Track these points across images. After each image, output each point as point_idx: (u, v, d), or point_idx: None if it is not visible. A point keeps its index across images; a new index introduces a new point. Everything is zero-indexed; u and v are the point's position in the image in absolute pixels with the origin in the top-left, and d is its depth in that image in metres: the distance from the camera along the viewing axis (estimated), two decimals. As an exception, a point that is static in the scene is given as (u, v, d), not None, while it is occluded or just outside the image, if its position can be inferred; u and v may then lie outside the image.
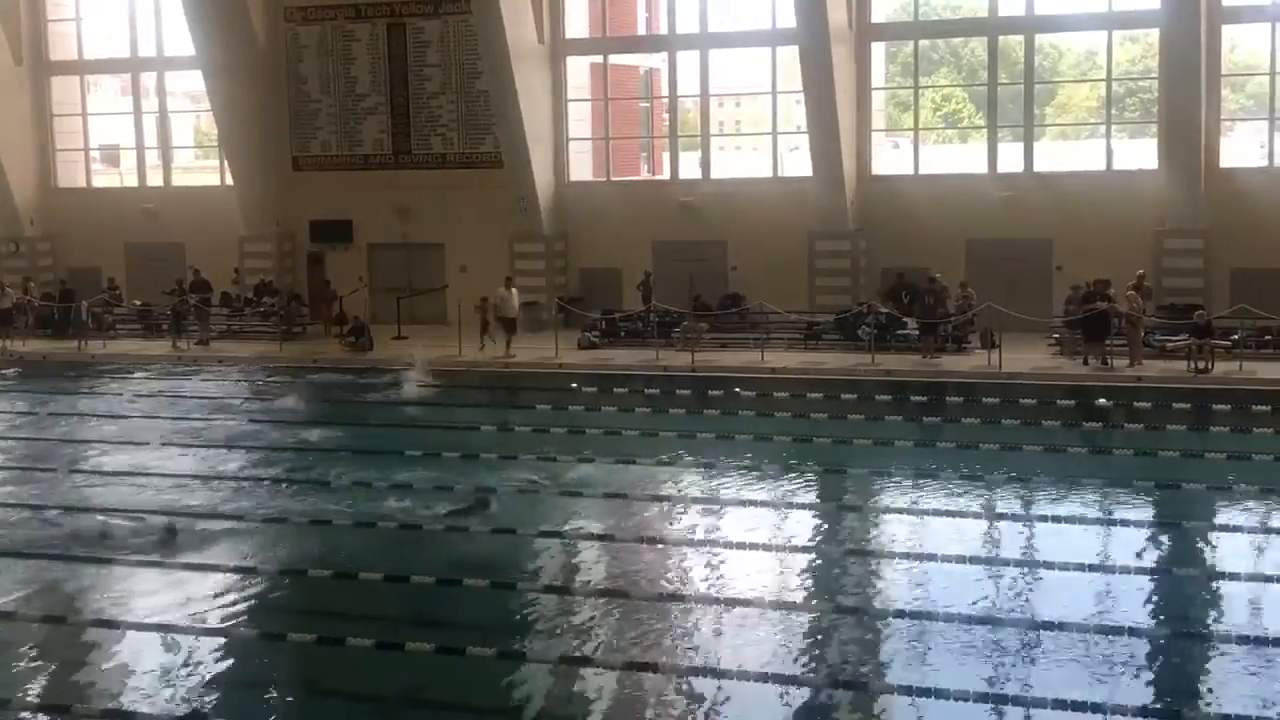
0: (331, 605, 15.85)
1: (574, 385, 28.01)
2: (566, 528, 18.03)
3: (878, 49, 34.15)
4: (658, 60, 37.98)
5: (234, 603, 15.60)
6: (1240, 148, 34.66)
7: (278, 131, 37.25)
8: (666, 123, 37.13)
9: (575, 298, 34.81)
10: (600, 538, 17.63)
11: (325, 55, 36.84)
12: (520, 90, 34.03)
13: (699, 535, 17.99)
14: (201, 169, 43.31)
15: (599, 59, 36.38)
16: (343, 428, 24.55)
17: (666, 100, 36.80)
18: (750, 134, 40.78)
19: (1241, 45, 38.59)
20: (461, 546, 17.25)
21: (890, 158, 36.17)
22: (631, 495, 19.49)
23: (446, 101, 36.02)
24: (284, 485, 20.55)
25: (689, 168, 36.01)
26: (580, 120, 36.31)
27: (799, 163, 35.14)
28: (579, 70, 36.24)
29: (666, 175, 36.47)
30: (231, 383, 30.11)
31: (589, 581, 16.16)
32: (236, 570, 16.58)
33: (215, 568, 16.60)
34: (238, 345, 34.24)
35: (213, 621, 14.91)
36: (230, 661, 14.17)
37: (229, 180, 37.92)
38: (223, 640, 14.51)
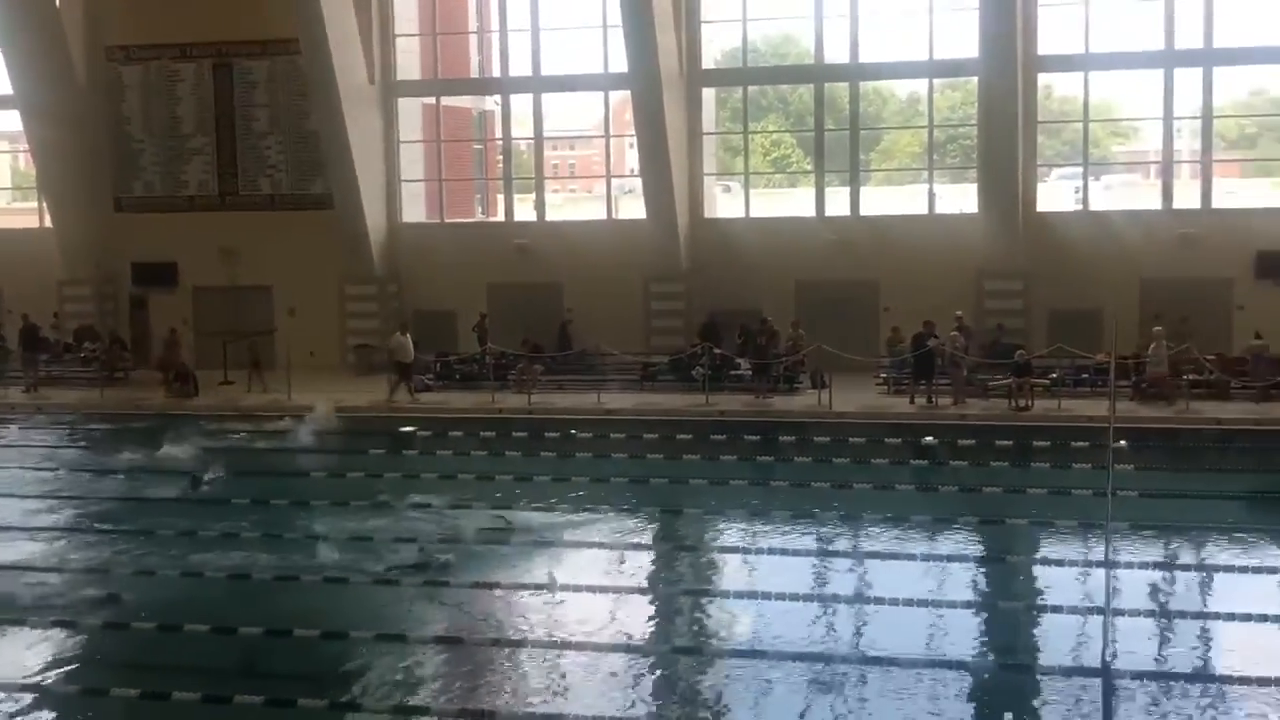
0: (155, 658, 15.36)
1: (410, 430, 27.63)
2: (399, 574, 17.75)
3: (708, 94, 34.66)
4: (491, 102, 37.98)
5: (51, 657, 15.02)
6: (1056, 192, 35.93)
7: (99, 172, 36.28)
8: (500, 164, 37.11)
9: (410, 341, 34.43)
10: (436, 584, 17.38)
11: (149, 95, 36.02)
12: (351, 131, 33.74)
13: (534, 579, 17.83)
14: (19, 211, 41.96)
15: (431, 100, 36.25)
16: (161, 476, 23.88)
17: (500, 142, 36.79)
18: (585, 177, 41.04)
19: (1057, 92, 40.15)
20: (294, 596, 16.88)
21: (722, 201, 36.69)
22: (466, 540, 19.31)
23: (275, 142, 35.51)
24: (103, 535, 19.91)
25: (524, 210, 36.04)
26: (413, 161, 36.08)
27: (633, 206, 35.42)
28: (411, 111, 36.04)
29: (501, 217, 36.45)
30: (56, 431, 29.10)
31: (422, 629, 15.90)
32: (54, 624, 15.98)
33: (28, 622, 15.97)
34: (58, 392, 33.05)
35: (27, 676, 14.33)
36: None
37: (48, 222, 36.80)
38: (37, 696, 13.96)
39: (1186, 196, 31.97)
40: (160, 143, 36.10)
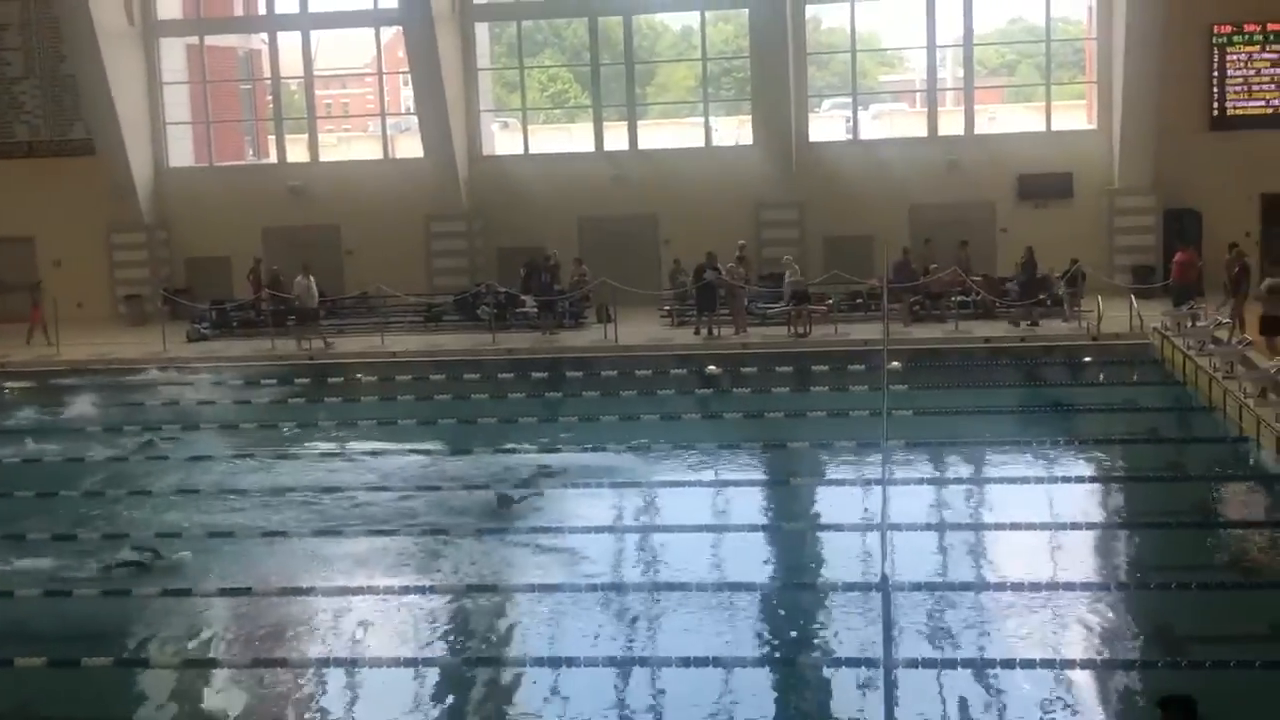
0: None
1: (189, 380, 26.91)
2: (187, 524, 17.36)
3: (482, 29, 34.29)
4: (258, 41, 36.89)
5: None
6: (828, 123, 36.70)
7: None
8: (270, 105, 36.12)
9: (181, 289, 33.42)
10: (223, 535, 17.03)
11: (-111, 37, 33.95)
12: (110, 74, 32.39)
13: (329, 525, 17.60)
14: None
15: (195, 40, 35.01)
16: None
17: (269, 82, 35.81)
18: (359, 116, 40.31)
19: (825, 24, 40.92)
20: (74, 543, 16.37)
21: (501, 138, 36.45)
22: (251, 491, 18.99)
23: (31, 87, 33.87)
24: None
25: (297, 151, 35.19)
26: (178, 104, 34.83)
27: (410, 144, 34.93)
28: (174, 52, 34.74)
29: (274, 159, 35.53)
30: None
31: (208, 579, 15.57)
32: None
33: None
34: None
35: None
36: None
37: None
38: None
39: (951, 124, 33.01)
40: (-97, 89, 34.10)
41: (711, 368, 26.00)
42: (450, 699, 12.70)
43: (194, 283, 33.78)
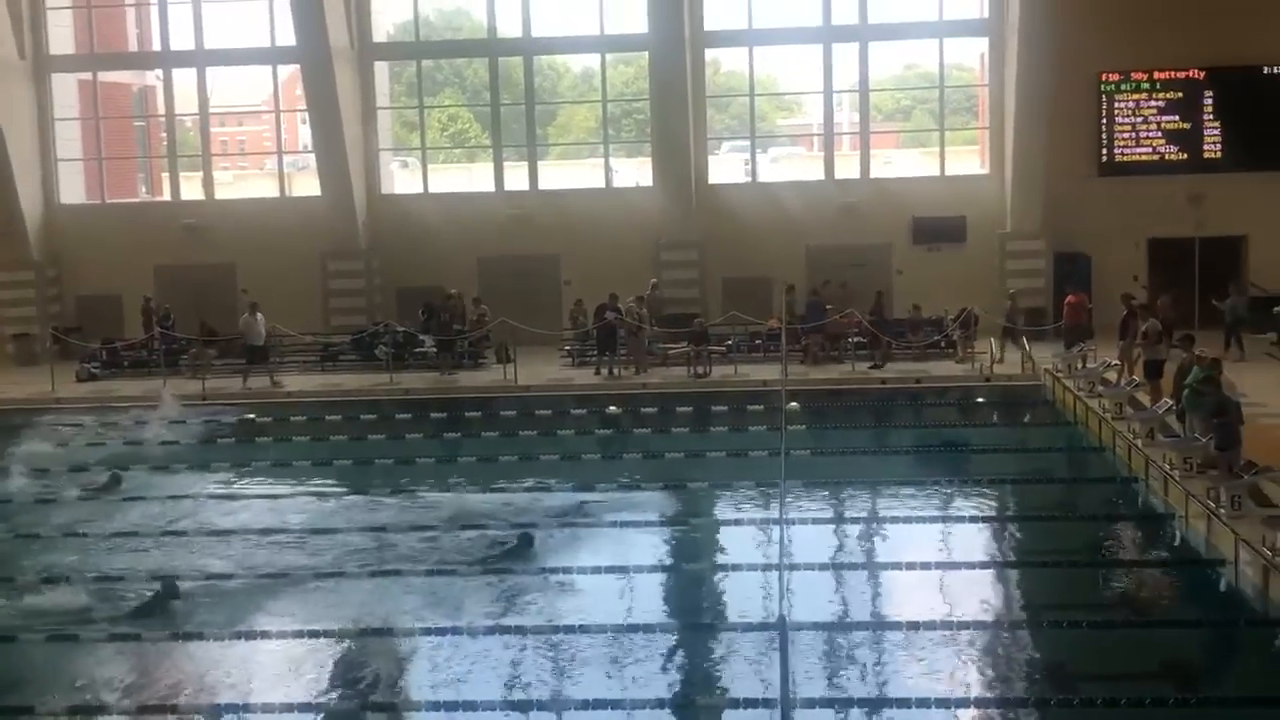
0: None
1: (78, 423, 26.33)
2: (61, 567, 16.96)
3: (381, 68, 34.16)
4: (153, 77, 36.42)
5: None
6: (727, 165, 37.00)
7: None
8: (165, 142, 35.62)
9: (72, 327, 32.75)
10: (107, 579, 16.64)
11: None
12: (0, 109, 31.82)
13: (223, 569, 17.27)
14: None
15: (88, 76, 34.47)
16: None
17: (164, 119, 35.32)
18: (255, 153, 39.78)
19: (724, 67, 41.35)
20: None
21: (400, 177, 36.27)
22: (142, 532, 18.62)
23: (-85, 120, 33.11)
24: None
25: (192, 189, 34.72)
26: (70, 140, 34.25)
27: (308, 183, 34.64)
28: (67, 87, 34.19)
29: (168, 196, 35.01)
30: None
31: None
32: None
33: None
34: None
35: None
36: None
37: None
38: None
39: (847, 167, 33.46)
40: None
41: (612, 408, 26.01)
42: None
43: (85, 321, 33.11)
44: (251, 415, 26.37)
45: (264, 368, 29.25)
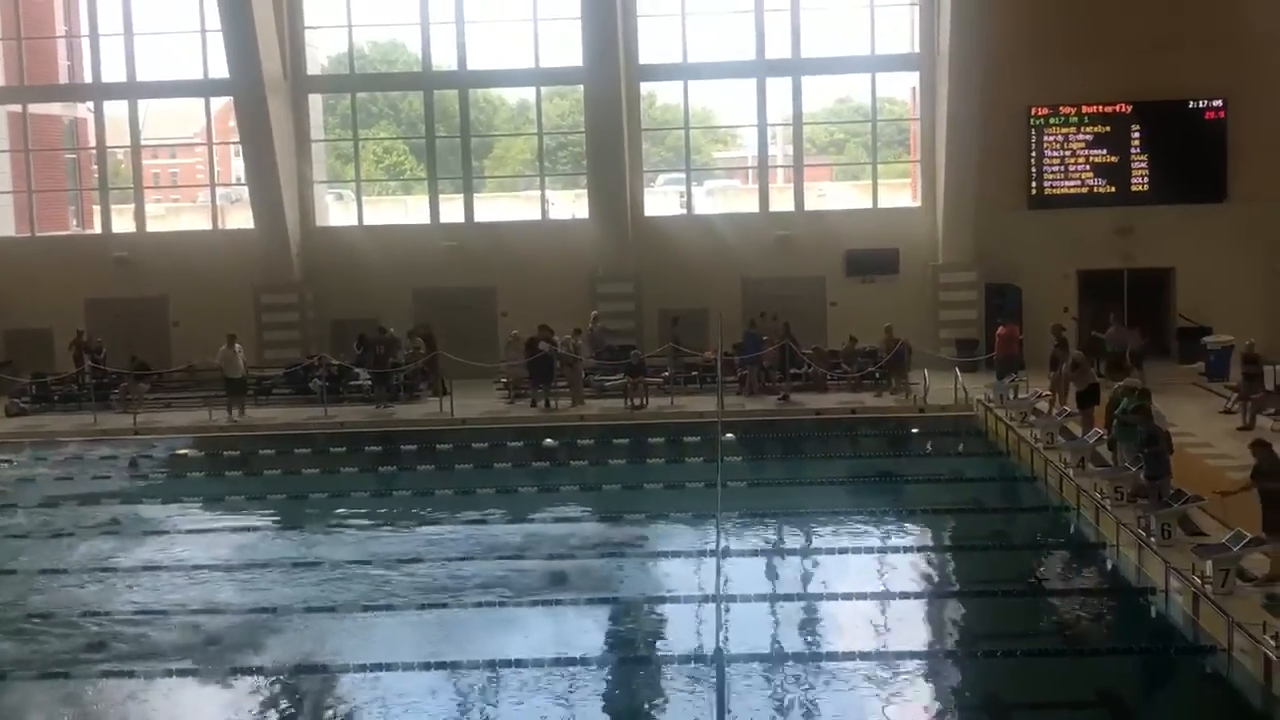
0: None
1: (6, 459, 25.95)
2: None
3: (315, 100, 34.05)
4: (84, 109, 36.10)
5: None
6: (662, 198, 37.17)
7: None
8: (96, 174, 35.28)
9: (2, 362, 32.28)
10: (41, 616, 16.41)
11: None
12: (-73, 140, 31.47)
13: (157, 604, 17.03)
14: None
15: (18, 108, 34.10)
16: None
17: (95, 151, 34.99)
18: (187, 186, 39.44)
19: (660, 101, 41.56)
20: None
21: (334, 209, 36.12)
22: (71, 569, 18.35)
23: None
24: None
25: (123, 221, 34.39)
26: (-1, 172, 33.92)
27: (241, 215, 34.41)
28: (-5, 119, 33.86)
29: (98, 229, 34.65)
30: None
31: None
32: None
33: None
34: None
35: None
36: None
37: None
38: None
39: (782, 200, 33.70)
40: None
41: (548, 440, 25.96)
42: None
43: (14, 355, 32.67)
44: (185, 450, 26.11)
45: (240, 399, 28.94)
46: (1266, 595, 14.05)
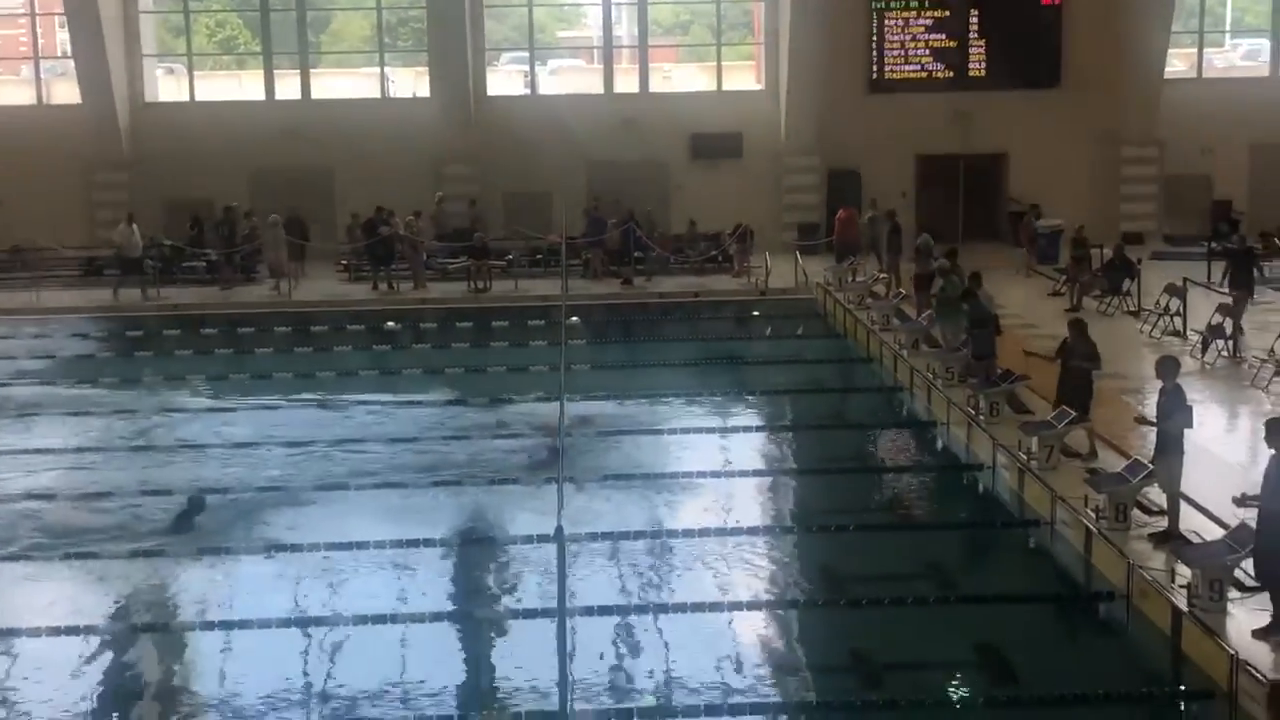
0: None
1: None
2: None
3: (144, -29, 32.73)
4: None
5: None
6: (506, 78, 36.57)
7: None
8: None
9: None
10: None
11: None
12: None
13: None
14: None
15: None
16: None
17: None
18: (9, 59, 37.63)
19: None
20: None
21: (166, 85, 34.86)
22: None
23: None
24: None
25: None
26: None
27: (67, 90, 33.04)
28: None
29: (-88, 103, 33.04)
30: None
31: None
32: None
33: None
34: None
35: None
36: None
37: None
38: None
39: (627, 82, 33.46)
40: None
41: (389, 323, 25.71)
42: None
43: None
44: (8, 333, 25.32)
45: (138, 279, 27.93)
46: (1088, 470, 14.62)
